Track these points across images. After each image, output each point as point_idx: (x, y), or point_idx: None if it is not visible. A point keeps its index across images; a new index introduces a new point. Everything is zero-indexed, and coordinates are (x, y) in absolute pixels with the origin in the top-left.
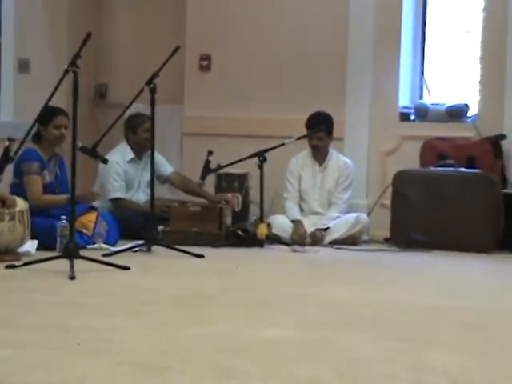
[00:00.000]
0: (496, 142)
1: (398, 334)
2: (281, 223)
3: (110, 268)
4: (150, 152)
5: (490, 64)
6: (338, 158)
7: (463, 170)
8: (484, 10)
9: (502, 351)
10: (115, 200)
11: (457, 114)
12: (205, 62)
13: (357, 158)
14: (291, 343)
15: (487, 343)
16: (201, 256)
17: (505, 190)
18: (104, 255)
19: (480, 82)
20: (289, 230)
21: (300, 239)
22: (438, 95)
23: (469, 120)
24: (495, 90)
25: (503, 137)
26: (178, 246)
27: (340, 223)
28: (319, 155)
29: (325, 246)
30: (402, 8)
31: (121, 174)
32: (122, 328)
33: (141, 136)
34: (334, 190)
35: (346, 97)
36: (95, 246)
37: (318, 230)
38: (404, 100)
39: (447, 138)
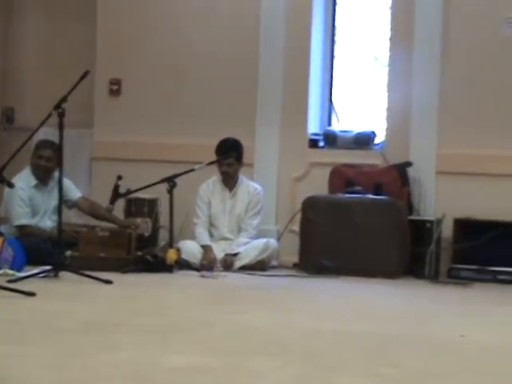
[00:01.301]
0: (402, 169)
1: (305, 360)
2: (190, 248)
3: (16, 294)
4: (55, 177)
5: (397, 91)
6: (247, 184)
7: (371, 196)
8: (390, 38)
9: (405, 376)
10: (21, 227)
11: (364, 141)
12: (115, 87)
13: (266, 184)
14: (198, 370)
15: (391, 368)
16: (109, 282)
17: (411, 217)
18: (9, 281)
19: (387, 110)
20: (198, 256)
21: (209, 265)
22: (347, 122)
23: (376, 147)
24: (402, 117)
25: (409, 164)
26: (85, 272)
27: (249, 249)
28: (229, 181)
29: (234, 271)
30: (310, 36)
31: (25, 200)
32: (33, 355)
33: (33, 162)
34: (243, 216)
35: (255, 123)
36: (0, 271)
37: (227, 255)
38: (313, 127)
39: (355, 165)
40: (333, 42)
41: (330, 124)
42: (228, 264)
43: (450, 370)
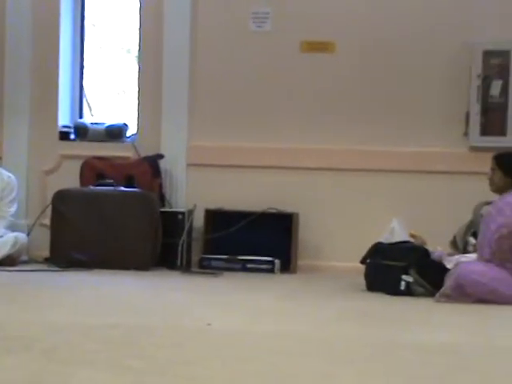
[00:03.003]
0: (154, 161)
1: (46, 355)
2: None
3: None
4: None
5: (148, 84)
6: (1, 172)
7: (122, 189)
8: (140, 29)
9: (150, 366)
10: None
11: (116, 133)
12: None
13: (16, 178)
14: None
15: (136, 359)
16: None
17: (163, 209)
18: None
19: (138, 102)
20: None
21: None
22: (99, 115)
23: (128, 140)
24: (153, 110)
25: (161, 156)
26: None
27: None
28: None
29: None
30: (59, 27)
31: None
32: None
33: None
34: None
35: (3, 114)
36: None
37: None
38: (64, 119)
39: (106, 158)
40: (83, 33)
41: (81, 117)
42: None
43: (196, 358)
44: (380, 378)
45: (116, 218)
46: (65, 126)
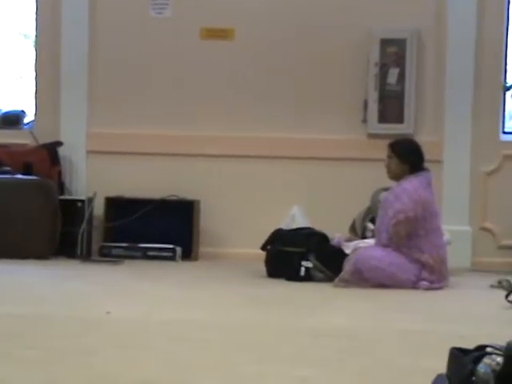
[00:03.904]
0: (53, 148)
1: None
2: None
3: None
4: None
5: (45, 70)
6: None
7: (20, 176)
8: (36, 13)
9: (46, 356)
10: None
11: (13, 120)
12: None
13: None
14: None
15: (31, 349)
16: None
17: (62, 196)
18: None
19: (36, 89)
20: None
21: None
22: None
23: (25, 127)
24: (51, 96)
25: (60, 143)
26: None
27: None
28: None
29: None
30: None
31: None
32: None
33: None
34: None
35: None
36: None
37: None
38: None
39: (3, 145)
40: None
41: None
42: None
43: (95, 347)
44: (280, 362)
45: (14, 206)
46: None
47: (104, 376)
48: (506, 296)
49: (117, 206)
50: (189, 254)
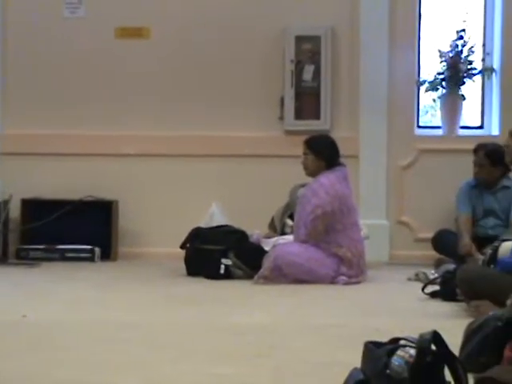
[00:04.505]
0: None
1: None
2: None
3: None
4: None
5: None
6: None
7: None
8: None
9: None
10: None
11: None
12: None
13: None
14: None
15: None
16: None
17: None
18: None
19: None
20: None
21: None
22: None
23: None
24: None
25: None
26: None
27: None
28: None
29: None
30: None
31: None
32: None
33: None
34: None
35: None
36: None
37: None
38: None
39: None
40: None
41: None
42: None
43: (10, 351)
44: (197, 361)
45: None
46: None
47: (21, 378)
48: (423, 288)
49: (33, 207)
50: (108, 255)
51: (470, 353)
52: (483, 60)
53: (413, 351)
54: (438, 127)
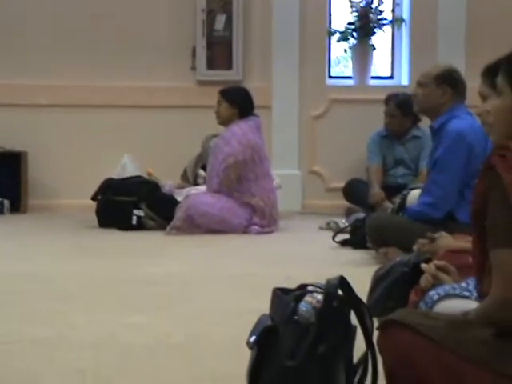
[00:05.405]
0: None
1: None
2: None
3: None
4: None
5: None
6: None
7: None
8: None
9: None
10: None
11: None
12: None
13: None
14: None
15: None
16: None
17: None
18: None
19: None
20: None
21: None
22: None
23: None
24: None
25: None
26: None
27: None
28: None
29: None
30: None
31: None
32: None
33: None
34: None
35: None
36: None
37: None
38: None
39: None
40: None
41: None
42: None
43: None
44: (109, 311)
45: None
46: None
47: None
48: (333, 237)
49: None
50: (17, 207)
51: (378, 298)
52: (393, 10)
53: (320, 297)
54: (350, 77)
